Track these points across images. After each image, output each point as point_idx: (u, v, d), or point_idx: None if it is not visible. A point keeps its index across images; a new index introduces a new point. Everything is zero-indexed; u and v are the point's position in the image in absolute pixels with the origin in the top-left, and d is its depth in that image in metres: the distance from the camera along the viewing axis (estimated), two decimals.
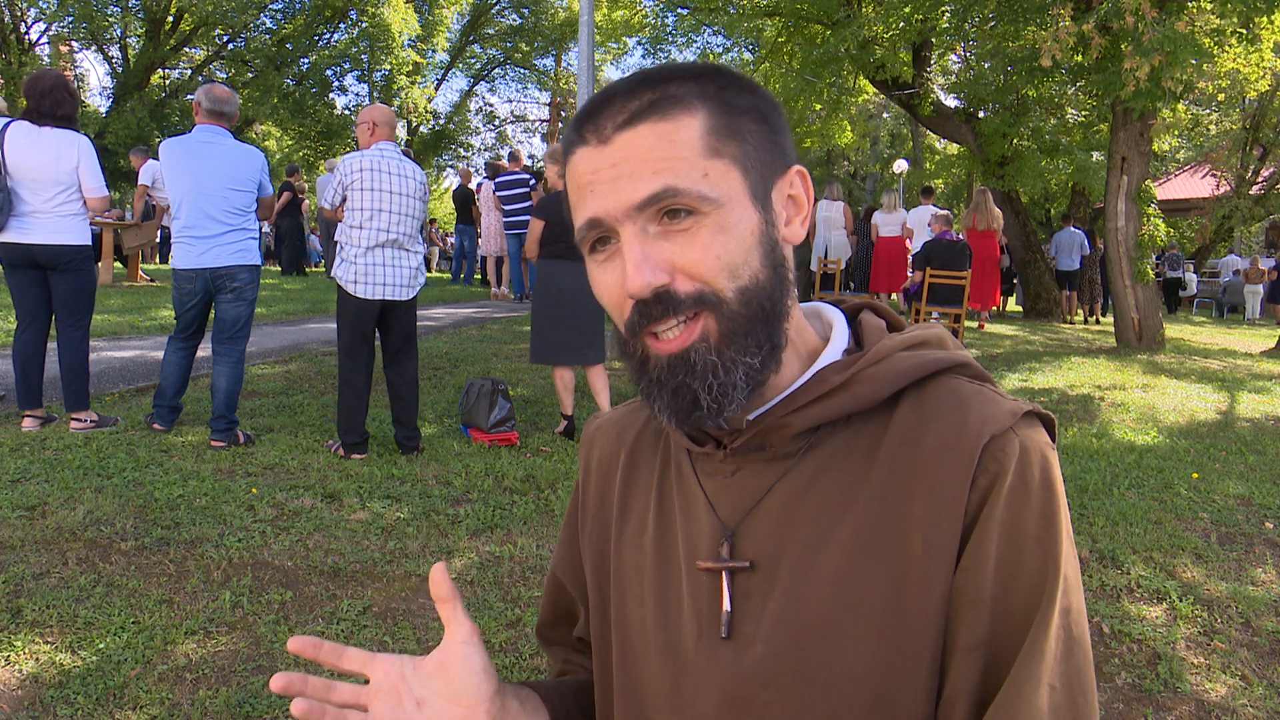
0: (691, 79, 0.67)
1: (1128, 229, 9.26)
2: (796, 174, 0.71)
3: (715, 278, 0.64)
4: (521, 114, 33.59)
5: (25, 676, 2.33)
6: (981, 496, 0.63)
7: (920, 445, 0.65)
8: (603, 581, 0.82)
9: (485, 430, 4.74)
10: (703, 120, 0.65)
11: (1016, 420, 0.65)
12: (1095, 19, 8.11)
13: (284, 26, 23.62)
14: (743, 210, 0.66)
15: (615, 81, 0.69)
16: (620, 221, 0.65)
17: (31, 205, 4.22)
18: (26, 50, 21.73)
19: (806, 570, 0.66)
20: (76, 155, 4.27)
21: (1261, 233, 25.39)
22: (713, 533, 0.71)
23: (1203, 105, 20.30)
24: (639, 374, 0.69)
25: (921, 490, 0.64)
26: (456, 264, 14.58)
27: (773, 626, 0.67)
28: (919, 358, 0.69)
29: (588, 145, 0.66)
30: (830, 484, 0.68)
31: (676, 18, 16.94)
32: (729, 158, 0.65)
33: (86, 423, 4.36)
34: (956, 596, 0.63)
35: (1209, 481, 4.54)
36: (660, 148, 0.64)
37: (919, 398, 0.68)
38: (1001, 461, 0.63)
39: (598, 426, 0.90)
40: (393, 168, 4.31)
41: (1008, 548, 0.63)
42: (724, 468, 0.72)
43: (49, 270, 4.33)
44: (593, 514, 0.85)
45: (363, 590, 2.97)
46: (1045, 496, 0.64)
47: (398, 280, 4.35)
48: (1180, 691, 2.59)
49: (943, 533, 0.63)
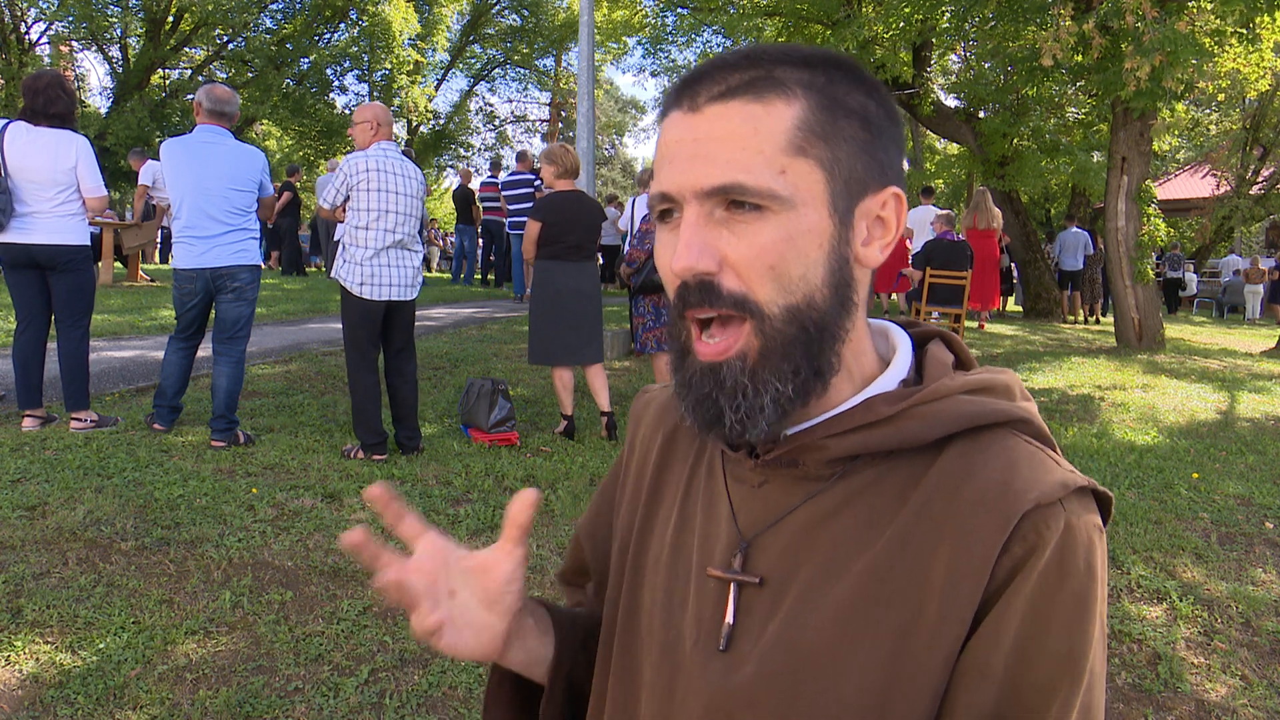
0: (803, 65, 0.63)
1: (1128, 229, 9.26)
2: (892, 195, 0.66)
3: (762, 286, 0.62)
4: (522, 114, 33.53)
5: (25, 676, 2.33)
6: (1013, 565, 0.59)
7: (958, 496, 0.61)
8: (623, 561, 0.80)
9: (485, 430, 4.74)
10: (799, 111, 0.62)
11: (1067, 493, 0.61)
12: (1095, 19, 8.11)
13: (284, 26, 23.61)
14: (816, 218, 0.62)
15: (725, 53, 0.66)
16: (687, 200, 0.63)
17: (31, 205, 4.22)
18: (26, 50, 21.71)
19: (814, 598, 0.64)
20: (75, 155, 4.27)
21: (1261, 233, 25.39)
22: (729, 541, 0.70)
23: (1203, 105, 20.30)
24: (678, 362, 0.67)
25: (949, 544, 0.61)
26: (456, 264, 14.58)
27: (768, 648, 0.65)
28: (978, 405, 0.64)
29: (680, 110, 0.64)
30: (856, 516, 0.65)
31: (676, 18, 16.94)
32: (815, 159, 0.62)
33: (86, 423, 4.36)
34: (965, 662, 0.60)
35: (1209, 481, 4.54)
36: (742, 133, 0.61)
37: (969, 447, 0.63)
38: (1042, 534, 0.59)
39: (644, 403, 0.88)
40: (395, 168, 4.31)
41: (1031, 625, 0.59)
42: (753, 477, 0.70)
43: (48, 270, 4.33)
44: (629, 493, 0.84)
45: (363, 590, 2.96)
46: (1083, 581, 0.60)
47: (402, 281, 4.35)
48: (1180, 691, 2.59)
49: (962, 592, 0.60)
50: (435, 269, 19.63)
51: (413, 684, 2.46)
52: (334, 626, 2.71)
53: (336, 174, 4.34)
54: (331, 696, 2.36)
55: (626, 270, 5.39)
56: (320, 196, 4.44)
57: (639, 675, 0.74)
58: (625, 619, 0.77)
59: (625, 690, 0.76)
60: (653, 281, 5.28)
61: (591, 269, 4.97)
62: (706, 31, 17.04)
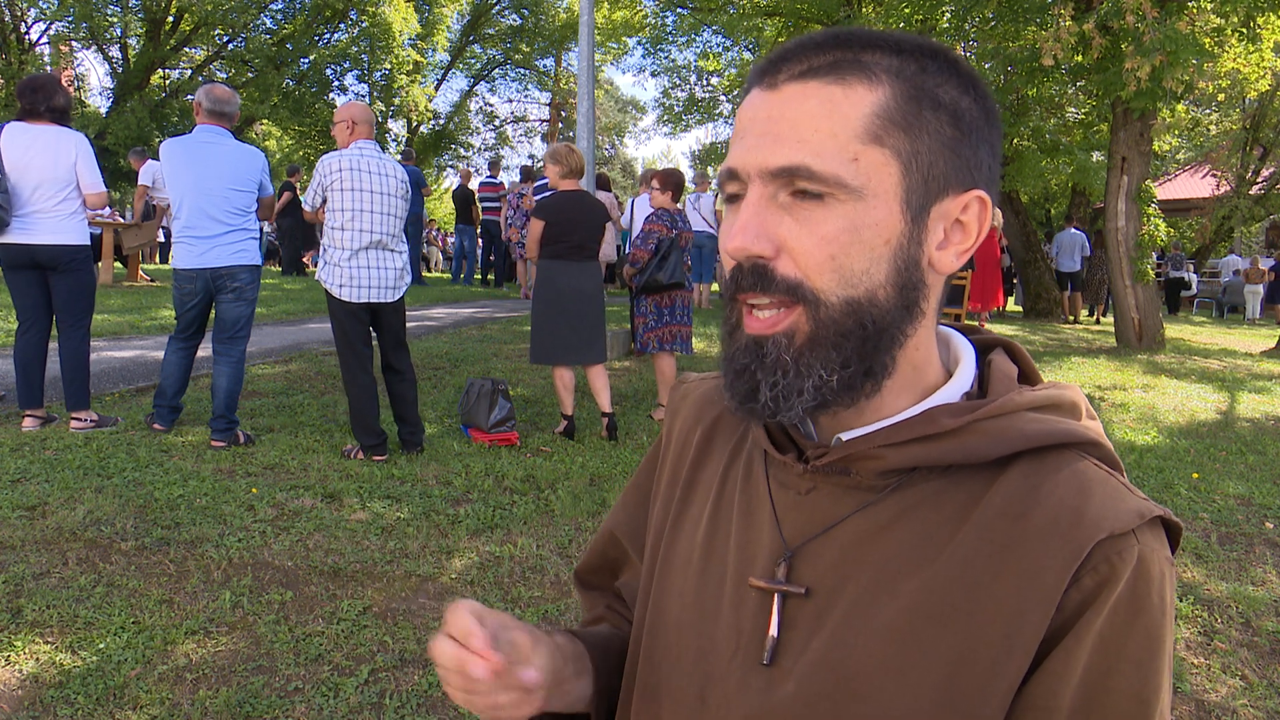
0: (894, 51, 0.61)
1: (1128, 229, 9.26)
2: (976, 199, 0.63)
3: (820, 275, 0.59)
4: (522, 114, 33.52)
5: (25, 676, 2.33)
6: (1084, 598, 0.56)
7: (1024, 521, 0.58)
8: (653, 562, 0.77)
9: (485, 430, 4.74)
10: (882, 98, 0.59)
11: (1143, 523, 0.58)
12: (1095, 19, 8.11)
13: (284, 26, 23.61)
14: (886, 213, 0.59)
15: (813, 33, 0.63)
16: (752, 179, 0.61)
17: (32, 205, 4.22)
18: (26, 50, 21.71)
19: (863, 615, 0.61)
20: (74, 152, 4.27)
21: (1261, 233, 25.38)
22: (772, 549, 0.66)
23: (1203, 105, 20.28)
24: (728, 342, 0.65)
25: (1013, 570, 0.57)
26: (456, 264, 14.58)
27: (812, 666, 0.62)
28: (1046, 424, 0.62)
29: (759, 87, 0.62)
30: (911, 532, 0.61)
31: (676, 18, 16.96)
32: (891, 150, 0.59)
33: (86, 422, 4.36)
34: (1028, 697, 0.57)
35: (1209, 481, 4.54)
36: (818, 115, 0.58)
37: (1035, 468, 0.60)
38: (1115, 566, 0.56)
39: (683, 394, 0.84)
40: (373, 166, 4.26)
41: (1100, 661, 0.56)
42: (800, 483, 0.67)
43: (49, 271, 4.33)
44: (664, 489, 0.80)
45: (363, 590, 2.96)
46: (1156, 618, 0.57)
47: (383, 282, 4.31)
48: (1180, 691, 2.59)
49: (1029, 622, 0.56)
50: (436, 269, 19.63)
51: (413, 684, 2.45)
52: (334, 626, 2.71)
53: (314, 175, 4.32)
54: (331, 696, 2.36)
55: (630, 270, 5.38)
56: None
57: (665, 686, 0.72)
58: (653, 626, 0.74)
59: (650, 699, 0.73)
60: (655, 282, 5.28)
61: (594, 269, 4.96)
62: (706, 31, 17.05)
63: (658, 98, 32.05)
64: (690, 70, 22.15)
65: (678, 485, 0.78)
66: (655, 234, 5.25)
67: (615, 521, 0.88)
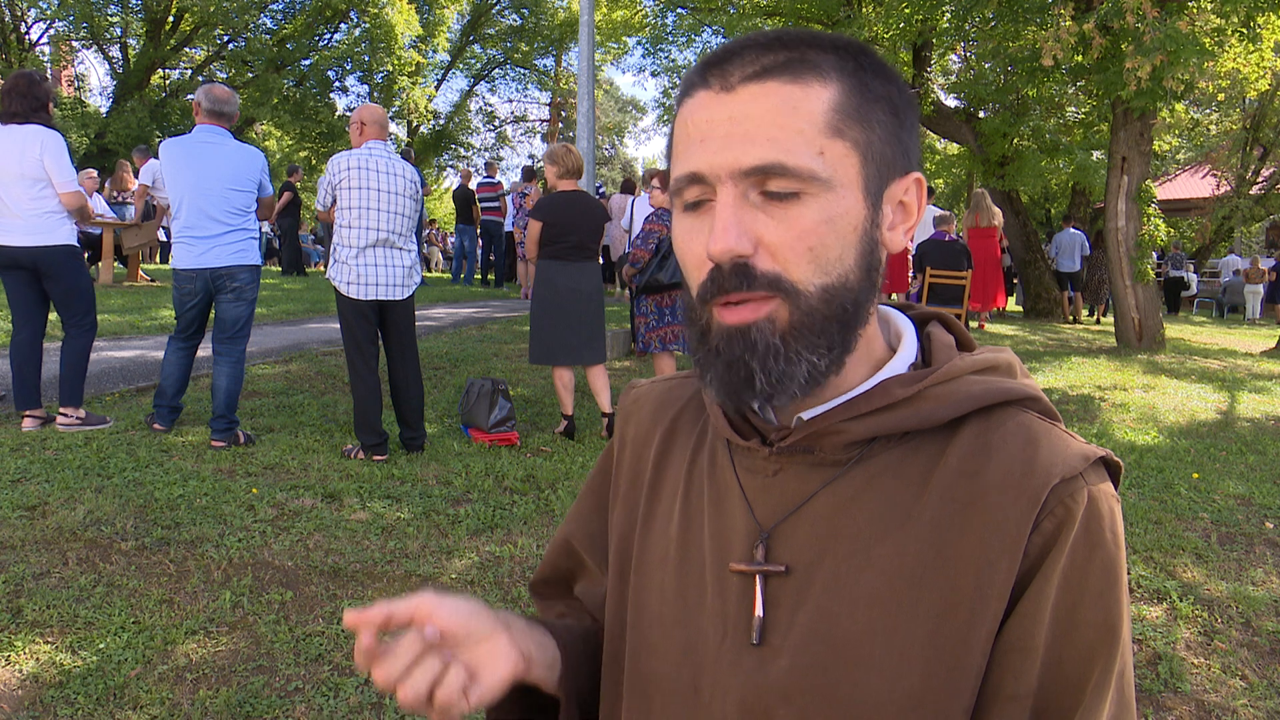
0: (832, 50, 0.63)
1: (1128, 229, 9.26)
2: (914, 181, 0.67)
3: (798, 267, 0.61)
4: (522, 114, 33.52)
5: (25, 676, 2.33)
6: (1045, 541, 0.60)
7: (981, 477, 0.62)
8: (625, 565, 0.78)
9: (485, 430, 4.74)
10: (834, 95, 0.62)
11: (1088, 466, 0.62)
12: (1096, 19, 8.11)
13: (284, 27, 23.62)
14: (852, 201, 0.62)
15: (751, 34, 0.65)
16: (722, 181, 0.61)
17: (9, 207, 4.17)
18: (27, 50, 21.72)
19: (843, 586, 0.63)
20: (39, 149, 4.17)
21: (1261, 233, 25.38)
22: (747, 533, 0.68)
23: (1203, 105, 20.29)
24: (699, 343, 0.66)
25: (978, 524, 0.61)
26: (456, 264, 14.59)
27: (801, 639, 0.64)
28: (990, 384, 0.66)
29: (709, 90, 0.63)
30: (877, 500, 0.65)
31: (676, 18, 16.95)
32: (851, 142, 0.62)
33: (72, 419, 4.32)
34: (1005, 641, 0.61)
35: (1209, 481, 4.54)
36: (782, 113, 0.60)
37: (984, 426, 0.65)
38: (1069, 507, 0.61)
39: (634, 399, 0.85)
40: (381, 165, 4.29)
41: (1065, 598, 0.60)
42: (766, 466, 0.69)
43: (40, 273, 4.31)
44: (624, 493, 0.81)
45: (363, 590, 2.96)
46: (1111, 550, 0.61)
47: (391, 280, 4.33)
48: (1180, 691, 2.59)
49: (999, 571, 0.60)
50: (436, 269, 19.63)
51: None
52: (334, 626, 2.71)
53: (323, 175, 4.36)
54: (331, 696, 2.36)
55: (630, 270, 5.39)
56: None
57: (655, 682, 0.72)
58: (635, 626, 0.74)
59: (640, 696, 0.73)
60: (656, 281, 5.28)
61: (593, 269, 4.96)
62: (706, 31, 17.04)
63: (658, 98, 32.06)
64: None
65: (642, 487, 0.79)
66: (655, 234, 5.25)
67: (570, 531, 0.88)
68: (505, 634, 0.70)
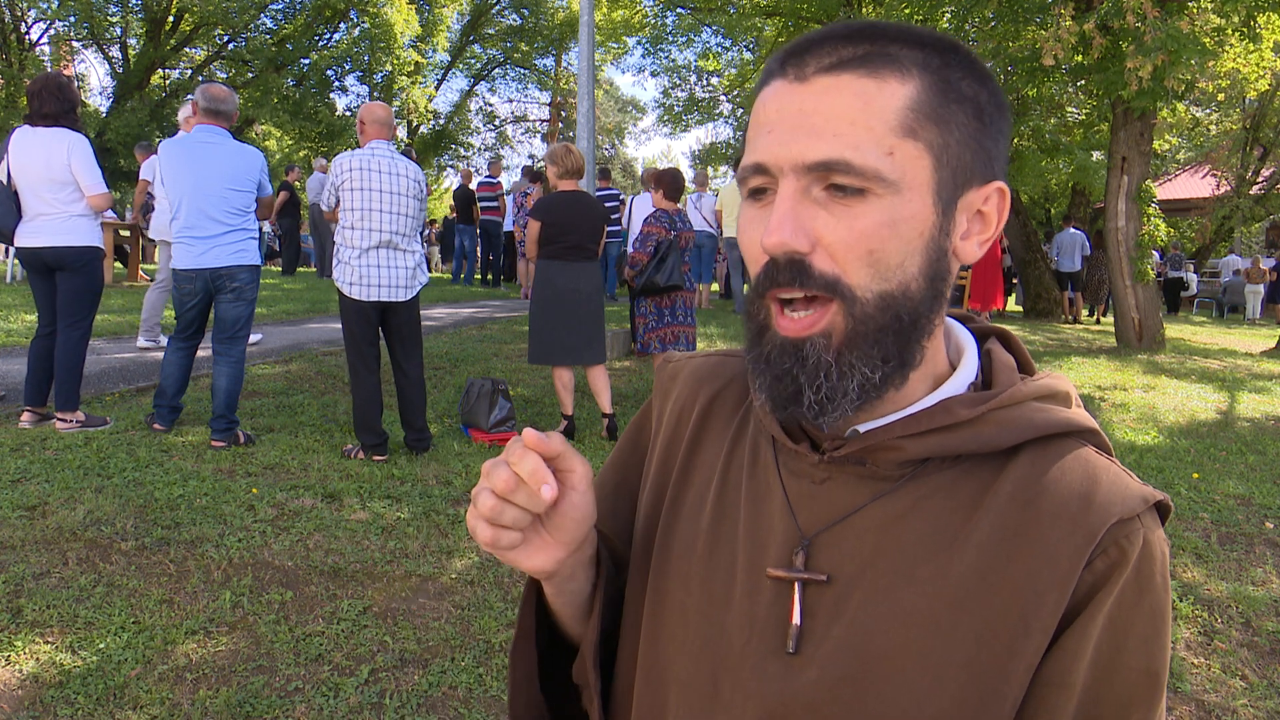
0: (918, 45, 0.61)
1: (1128, 229, 9.26)
2: (996, 190, 0.64)
3: (856, 270, 0.59)
4: (522, 114, 33.51)
5: (25, 676, 2.33)
6: (1096, 580, 0.59)
7: (1035, 506, 0.61)
8: (648, 546, 0.76)
9: (485, 430, 4.74)
10: (912, 92, 0.59)
11: (1146, 509, 0.61)
12: (1096, 19, 8.11)
13: (284, 27, 23.60)
14: (920, 205, 0.60)
15: (837, 23, 0.63)
16: (784, 173, 0.60)
17: (36, 209, 4.24)
18: (27, 50, 21.71)
19: (883, 602, 0.62)
20: (66, 152, 4.23)
21: (1261, 233, 25.38)
22: (786, 538, 0.67)
23: (1203, 105, 20.28)
24: (754, 341, 0.65)
25: (1027, 554, 0.60)
26: (457, 264, 14.59)
27: (834, 652, 0.62)
28: (1051, 414, 0.64)
29: (785, 79, 0.61)
30: (926, 520, 0.63)
31: (676, 18, 16.96)
32: (925, 143, 0.59)
33: (72, 423, 4.33)
34: (1045, 674, 0.60)
35: (1209, 481, 4.54)
36: (853, 108, 0.58)
37: (1040, 455, 0.63)
38: (1124, 548, 0.60)
39: (671, 374, 0.83)
40: (385, 166, 4.27)
41: (1110, 639, 0.60)
42: (814, 473, 0.67)
43: (59, 271, 4.34)
44: (655, 469, 0.79)
45: (363, 590, 2.96)
46: (1160, 596, 0.61)
47: (394, 281, 4.32)
48: (1180, 691, 2.59)
49: (1046, 604, 0.59)
50: (436, 269, 19.63)
51: (413, 684, 2.45)
52: (334, 626, 2.71)
53: (327, 175, 4.35)
54: (331, 696, 2.36)
55: (630, 273, 5.39)
56: (312, 196, 4.48)
57: (670, 672, 0.71)
58: (654, 612, 0.73)
59: (653, 685, 0.72)
60: (653, 284, 5.29)
61: (593, 269, 4.96)
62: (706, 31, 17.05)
63: (658, 98, 32.07)
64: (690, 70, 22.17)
65: (672, 469, 0.77)
66: (653, 236, 5.25)
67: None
68: (574, 554, 0.68)
